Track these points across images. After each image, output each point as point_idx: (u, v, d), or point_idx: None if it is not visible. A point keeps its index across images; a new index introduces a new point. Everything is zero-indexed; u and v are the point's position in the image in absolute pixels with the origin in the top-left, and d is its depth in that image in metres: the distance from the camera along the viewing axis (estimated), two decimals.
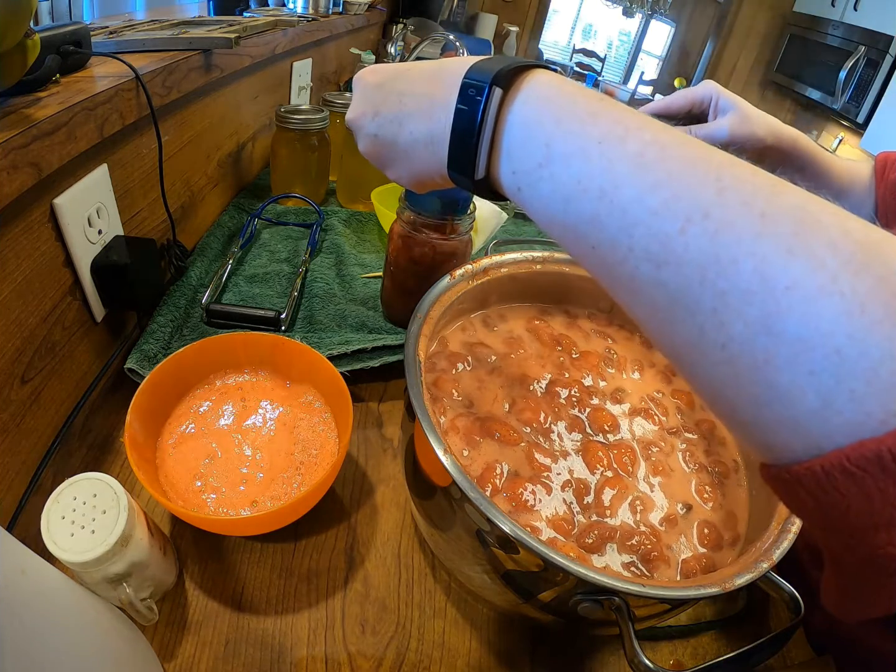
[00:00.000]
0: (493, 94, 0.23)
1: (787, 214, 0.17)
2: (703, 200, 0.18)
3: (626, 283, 0.20)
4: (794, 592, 0.30)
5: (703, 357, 0.18)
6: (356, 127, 0.32)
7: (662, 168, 0.19)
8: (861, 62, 2.36)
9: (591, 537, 0.33)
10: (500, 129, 0.24)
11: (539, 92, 0.23)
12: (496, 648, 0.38)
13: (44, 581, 0.24)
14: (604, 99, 0.22)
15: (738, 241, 0.17)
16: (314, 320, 0.59)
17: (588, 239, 0.21)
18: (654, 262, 0.19)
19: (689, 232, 0.18)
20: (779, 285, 0.16)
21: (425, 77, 0.28)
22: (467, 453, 0.36)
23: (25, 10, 0.34)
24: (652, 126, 0.21)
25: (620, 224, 0.19)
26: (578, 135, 0.21)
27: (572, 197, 0.21)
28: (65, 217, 0.42)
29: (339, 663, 0.36)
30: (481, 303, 0.46)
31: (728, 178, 0.18)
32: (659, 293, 0.19)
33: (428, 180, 0.30)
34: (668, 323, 0.19)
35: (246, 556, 0.41)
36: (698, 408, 0.43)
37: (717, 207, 0.18)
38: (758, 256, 0.17)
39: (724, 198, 0.18)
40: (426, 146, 0.27)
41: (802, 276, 0.16)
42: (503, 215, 0.78)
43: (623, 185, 0.20)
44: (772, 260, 0.16)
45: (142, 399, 0.39)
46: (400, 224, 0.55)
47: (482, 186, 0.26)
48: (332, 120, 0.82)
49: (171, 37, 0.58)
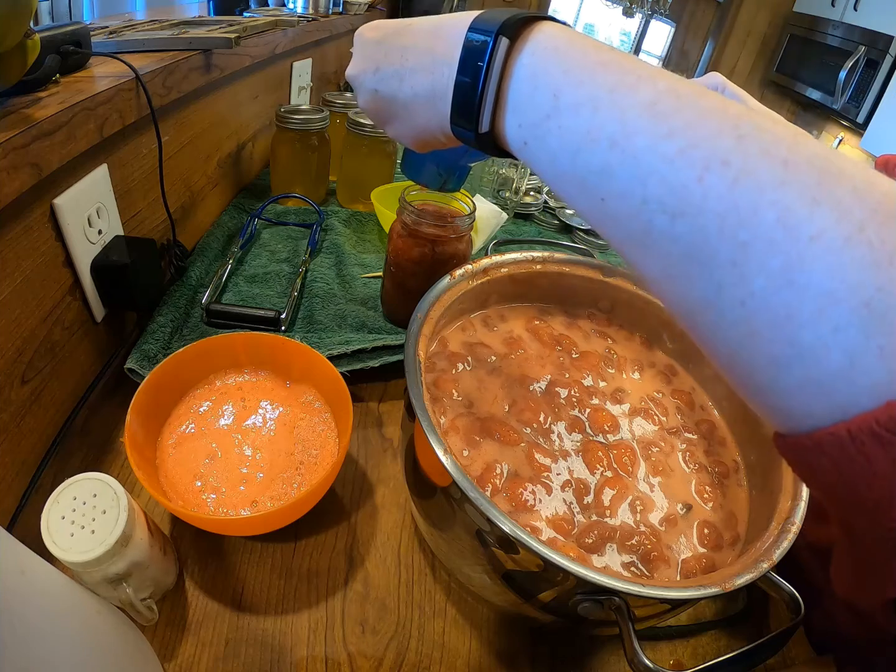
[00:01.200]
0: (499, 45, 0.22)
1: (811, 163, 0.16)
2: (722, 148, 0.17)
3: (638, 238, 0.20)
4: (794, 592, 0.30)
5: (720, 316, 0.18)
6: (356, 83, 0.32)
7: (678, 116, 0.18)
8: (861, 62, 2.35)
9: (591, 537, 0.33)
10: (505, 81, 0.23)
11: (547, 42, 0.22)
12: (496, 648, 0.38)
13: (44, 581, 0.24)
14: (614, 50, 0.22)
15: (760, 189, 0.16)
16: (314, 320, 0.59)
17: (597, 191, 0.20)
18: (670, 214, 0.18)
19: (707, 180, 0.17)
20: (803, 235, 0.15)
21: (427, 31, 0.27)
22: (467, 453, 0.36)
23: (25, 10, 0.34)
24: (665, 75, 0.20)
25: (633, 174, 0.19)
26: (588, 84, 0.21)
27: (581, 148, 0.20)
28: (65, 217, 0.42)
29: (339, 663, 0.36)
30: (481, 303, 0.46)
31: (747, 126, 0.18)
32: (674, 247, 0.18)
33: (429, 137, 0.29)
34: (683, 279, 0.19)
35: (246, 556, 0.41)
36: (698, 408, 0.43)
37: (737, 155, 0.17)
38: (781, 205, 0.16)
39: (744, 145, 0.17)
40: (428, 101, 0.27)
41: (828, 225, 0.15)
42: (503, 215, 0.78)
43: (636, 133, 0.19)
44: (796, 209, 0.16)
45: (142, 399, 0.39)
46: (400, 224, 0.55)
47: (486, 141, 0.25)
48: (332, 120, 0.82)
49: (171, 37, 0.58)
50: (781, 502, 0.32)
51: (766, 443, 0.37)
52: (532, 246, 0.51)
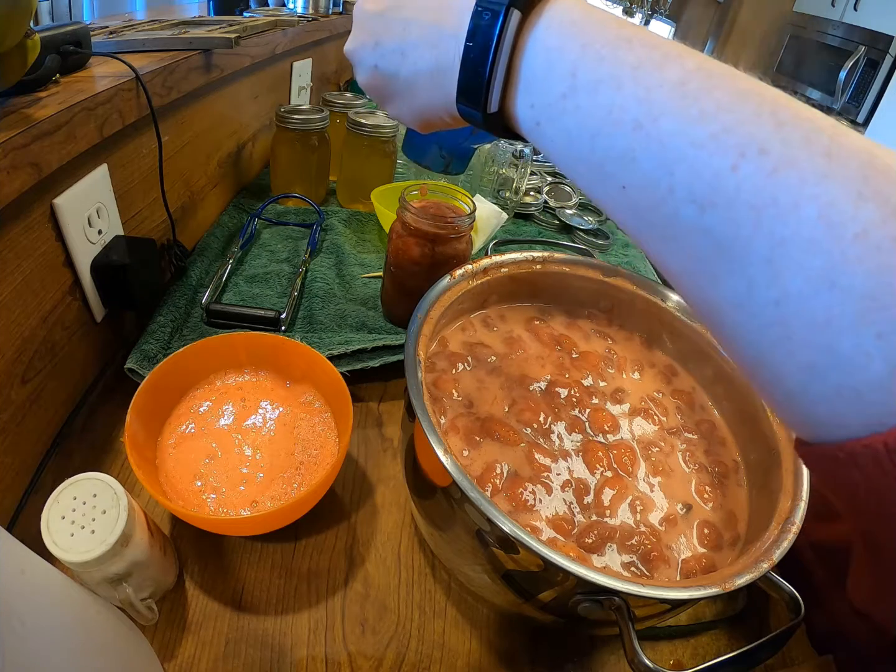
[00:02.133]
0: (511, 17, 0.21)
1: (855, 156, 0.15)
2: (760, 134, 0.16)
3: (662, 230, 0.18)
4: (794, 592, 0.30)
5: (750, 317, 0.16)
6: (355, 59, 0.30)
7: (710, 97, 0.17)
8: (861, 62, 2.36)
9: (591, 537, 0.33)
10: (517, 56, 0.21)
11: (563, 15, 0.21)
12: (496, 648, 0.38)
13: (44, 581, 0.24)
14: (635, 25, 0.20)
15: (802, 181, 0.15)
16: (314, 320, 0.59)
17: (618, 178, 0.19)
18: (699, 204, 0.17)
19: (743, 169, 0.16)
20: (847, 233, 0.14)
21: (432, 2, 0.25)
22: (467, 453, 0.36)
23: (25, 10, 0.34)
24: (694, 53, 0.18)
25: (659, 160, 0.17)
26: (609, 61, 0.19)
27: (601, 131, 0.19)
28: (65, 217, 0.42)
29: (339, 663, 0.36)
30: (481, 303, 0.46)
31: (785, 112, 0.16)
32: (702, 241, 0.17)
33: (433, 117, 0.27)
34: (710, 275, 0.17)
35: (246, 556, 0.41)
36: (698, 408, 0.43)
37: (777, 143, 0.16)
38: (823, 200, 0.15)
39: (784, 133, 0.16)
40: (432, 77, 0.25)
41: (875, 223, 0.14)
42: (503, 215, 0.78)
43: (663, 115, 0.17)
44: (839, 204, 0.14)
45: (142, 399, 0.39)
46: (400, 224, 0.55)
47: (494, 122, 0.23)
48: (332, 120, 0.82)
49: (171, 37, 0.58)
50: (781, 502, 0.32)
51: (766, 443, 0.37)
52: (532, 246, 0.51)
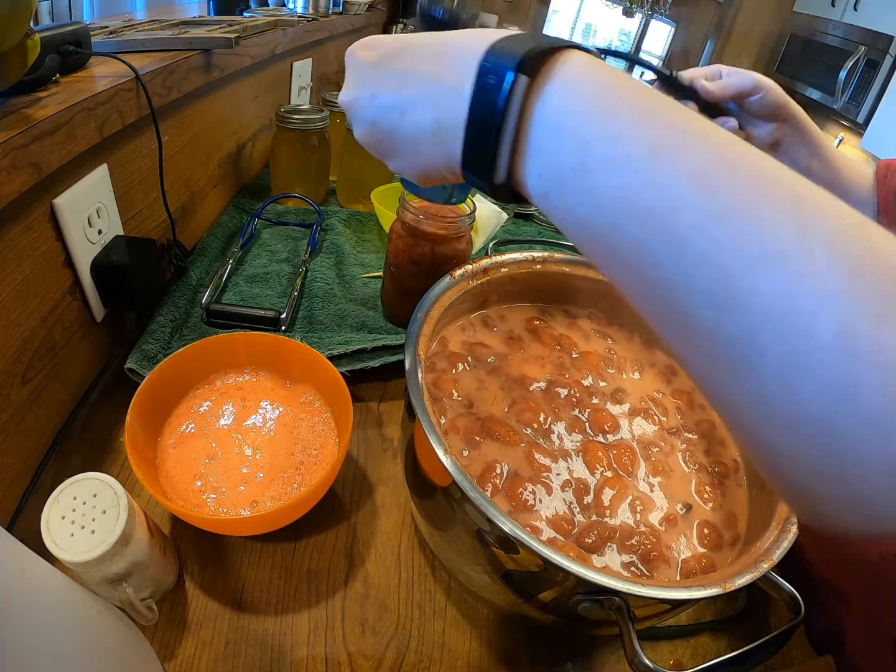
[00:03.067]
0: (518, 84, 0.19)
1: (879, 273, 0.14)
2: (783, 240, 0.15)
3: (677, 324, 0.17)
4: (794, 592, 0.30)
5: (761, 422, 0.16)
6: (351, 112, 0.28)
7: (732, 194, 0.16)
8: (861, 62, 2.35)
9: (591, 537, 0.33)
10: (525, 123, 0.20)
11: (574, 81, 0.20)
12: (496, 648, 0.38)
13: (44, 581, 0.24)
14: (652, 93, 0.19)
15: (821, 296, 0.14)
16: (314, 320, 0.59)
17: (632, 266, 0.18)
18: (716, 307, 0.16)
19: (763, 276, 0.15)
20: (865, 357, 0.14)
21: (430, 55, 0.24)
22: (467, 453, 0.36)
23: (25, 10, 0.34)
24: (715, 134, 0.17)
25: (677, 257, 0.16)
26: (624, 140, 0.18)
27: (613, 214, 0.18)
28: (65, 217, 0.42)
29: (339, 663, 0.36)
30: (481, 303, 0.46)
31: (810, 212, 0.16)
32: (716, 341, 0.16)
33: (435, 175, 0.26)
34: (723, 375, 0.17)
35: (246, 556, 0.41)
36: (698, 408, 0.43)
37: (799, 251, 0.15)
38: (841, 319, 0.14)
39: (808, 240, 0.15)
40: (433, 136, 0.24)
41: (892, 346, 0.14)
42: (503, 215, 0.78)
43: (681, 209, 0.16)
44: (858, 326, 0.14)
45: (142, 399, 0.39)
46: (400, 224, 0.55)
47: (502, 190, 0.22)
48: (332, 120, 0.82)
49: (171, 37, 0.58)
50: (781, 502, 0.32)
51: None
52: (532, 246, 0.51)
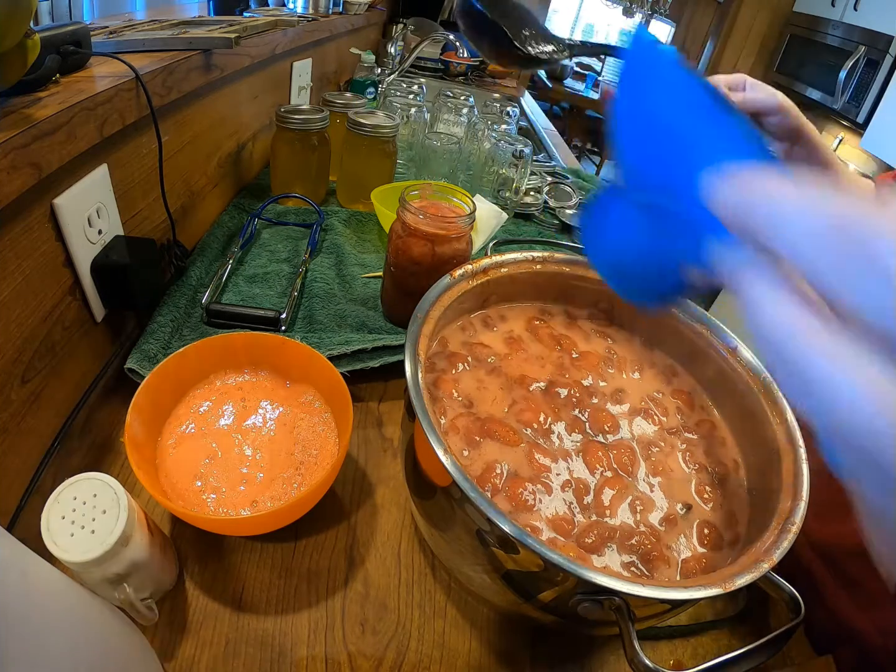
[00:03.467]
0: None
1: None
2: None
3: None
4: (794, 592, 0.30)
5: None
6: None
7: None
8: (861, 62, 2.35)
9: (591, 537, 0.33)
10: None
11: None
12: (496, 648, 0.38)
13: (44, 581, 0.24)
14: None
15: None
16: (314, 320, 0.59)
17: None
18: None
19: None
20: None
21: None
22: (467, 453, 0.36)
23: (25, 10, 0.34)
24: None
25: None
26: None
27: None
28: (65, 217, 0.42)
29: (339, 663, 0.36)
30: (481, 303, 0.46)
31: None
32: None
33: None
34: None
35: (246, 556, 0.41)
36: (698, 408, 0.43)
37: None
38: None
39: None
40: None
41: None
42: (503, 215, 0.78)
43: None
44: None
45: (142, 399, 0.39)
46: (400, 224, 0.55)
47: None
48: (332, 120, 0.82)
49: (171, 37, 0.58)
50: (781, 502, 0.32)
51: (766, 443, 0.37)
52: (532, 246, 0.51)
